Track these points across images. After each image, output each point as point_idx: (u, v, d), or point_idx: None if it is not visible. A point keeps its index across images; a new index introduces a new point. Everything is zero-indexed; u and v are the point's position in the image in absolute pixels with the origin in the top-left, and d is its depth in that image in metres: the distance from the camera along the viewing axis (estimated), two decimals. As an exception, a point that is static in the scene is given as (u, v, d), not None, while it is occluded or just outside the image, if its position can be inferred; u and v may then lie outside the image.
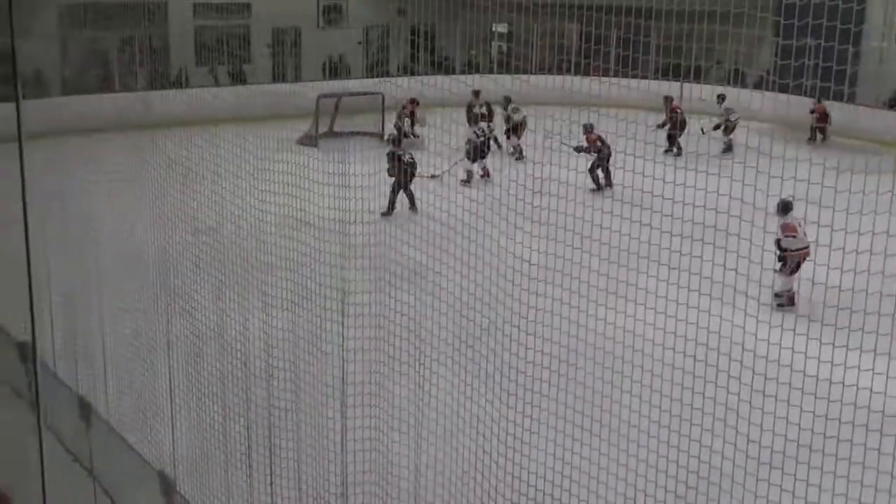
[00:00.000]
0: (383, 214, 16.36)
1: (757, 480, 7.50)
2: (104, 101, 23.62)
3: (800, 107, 22.49)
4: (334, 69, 29.70)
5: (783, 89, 17.50)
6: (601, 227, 9.07)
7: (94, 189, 12.26)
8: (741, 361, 7.65)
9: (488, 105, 23.76)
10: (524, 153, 21.26)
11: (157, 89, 24.47)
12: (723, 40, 10.80)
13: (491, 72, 29.08)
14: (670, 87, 22.63)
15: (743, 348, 7.78)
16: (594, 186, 19.46)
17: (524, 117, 22.31)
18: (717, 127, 23.02)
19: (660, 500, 7.41)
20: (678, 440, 7.66)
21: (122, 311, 10.91)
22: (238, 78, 28.75)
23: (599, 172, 19.80)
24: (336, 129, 24.47)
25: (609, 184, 19.38)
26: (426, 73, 26.44)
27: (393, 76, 27.76)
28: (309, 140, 22.66)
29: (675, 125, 21.95)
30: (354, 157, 9.29)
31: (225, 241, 10.18)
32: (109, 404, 9.82)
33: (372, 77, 27.36)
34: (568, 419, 8.12)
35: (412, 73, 27.11)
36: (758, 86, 21.92)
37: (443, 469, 7.89)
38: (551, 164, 9.37)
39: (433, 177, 16.08)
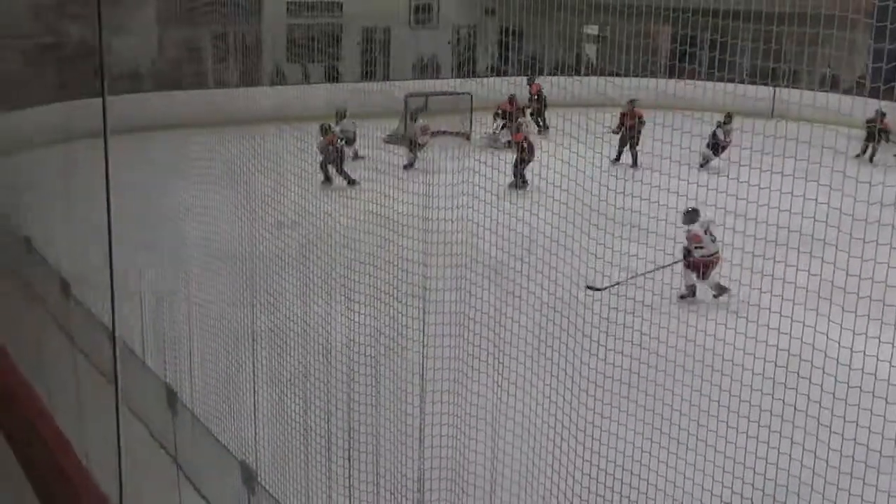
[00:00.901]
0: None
1: (837, 490, 7.40)
2: (197, 96, 24.04)
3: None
4: (423, 68, 29.85)
5: (874, 94, 17.16)
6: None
7: (183, 183, 12.50)
8: (823, 369, 7.55)
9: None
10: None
11: (249, 86, 24.84)
12: (813, 42, 10.67)
13: (580, 74, 28.94)
14: (756, 91, 22.22)
15: (825, 355, 7.69)
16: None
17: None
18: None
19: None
20: (755, 446, 7.58)
21: (208, 304, 11.11)
22: (329, 76, 29.04)
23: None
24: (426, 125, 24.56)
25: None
26: (515, 74, 26.43)
27: (481, 76, 27.79)
28: (397, 139, 22.80)
29: (631, 131, 21.17)
30: (440, 156, 9.39)
31: (310, 235, 10.35)
32: (195, 394, 10.04)
33: (460, 77, 27.41)
34: (646, 421, 8.09)
35: (501, 74, 27.12)
36: (849, 91, 21.47)
37: (518, 466, 7.92)
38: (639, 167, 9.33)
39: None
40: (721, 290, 12.89)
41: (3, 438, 3.98)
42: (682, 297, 13.19)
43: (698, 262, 13.20)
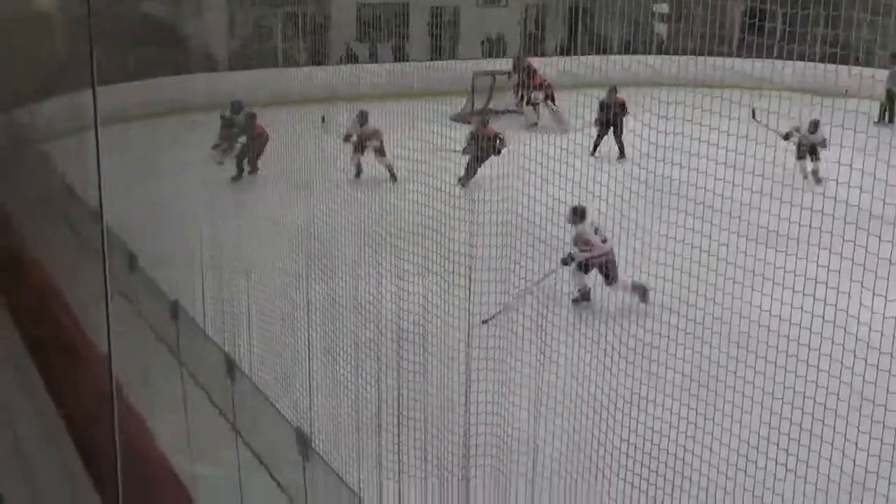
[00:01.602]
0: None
1: (879, 461, 7.39)
2: (266, 75, 24.39)
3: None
4: (491, 47, 29.90)
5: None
6: (749, 207, 9.04)
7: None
8: (867, 342, 7.54)
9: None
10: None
11: (319, 65, 25.13)
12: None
13: (650, 53, 28.75)
14: (827, 69, 21.73)
15: (870, 329, 7.68)
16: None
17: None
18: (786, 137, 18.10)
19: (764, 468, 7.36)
20: (791, 413, 7.58)
21: (266, 274, 11.38)
22: (398, 55, 29.24)
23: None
24: (491, 106, 24.66)
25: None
26: (584, 53, 26.36)
27: (550, 55, 27.77)
28: (463, 117, 22.92)
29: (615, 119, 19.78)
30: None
31: (364, 209, 10.56)
32: (252, 362, 10.31)
33: (529, 56, 27.41)
34: (684, 388, 8.11)
35: (569, 53, 27.06)
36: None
37: (560, 434, 8.04)
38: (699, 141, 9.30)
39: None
40: (642, 291, 11.45)
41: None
42: (574, 301, 12.01)
43: (591, 263, 11.98)
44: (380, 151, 17.56)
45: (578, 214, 11.84)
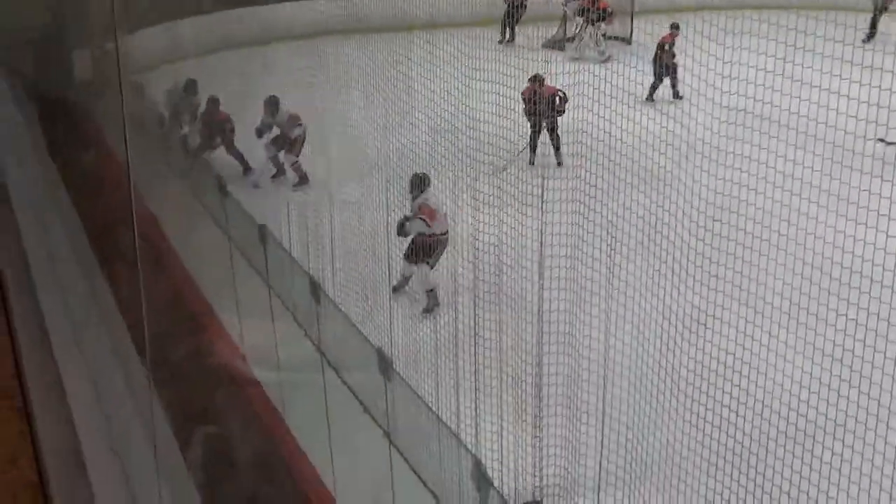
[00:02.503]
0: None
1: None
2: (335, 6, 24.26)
3: None
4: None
5: None
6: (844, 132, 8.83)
7: (328, 89, 12.95)
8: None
9: None
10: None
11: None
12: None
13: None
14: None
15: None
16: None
17: None
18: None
19: (834, 389, 7.31)
20: (863, 334, 7.46)
21: (347, 203, 11.60)
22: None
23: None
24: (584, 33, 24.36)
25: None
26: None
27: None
28: (555, 43, 22.69)
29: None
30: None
31: (458, 142, 10.62)
32: (336, 285, 10.59)
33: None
34: (756, 308, 8.09)
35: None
36: None
37: (629, 352, 8.13)
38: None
39: None
40: (433, 301, 10.38)
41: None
42: (394, 289, 10.83)
43: (424, 241, 10.63)
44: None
45: (418, 184, 10.69)
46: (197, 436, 3.75)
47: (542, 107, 13.30)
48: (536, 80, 13.26)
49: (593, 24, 22.35)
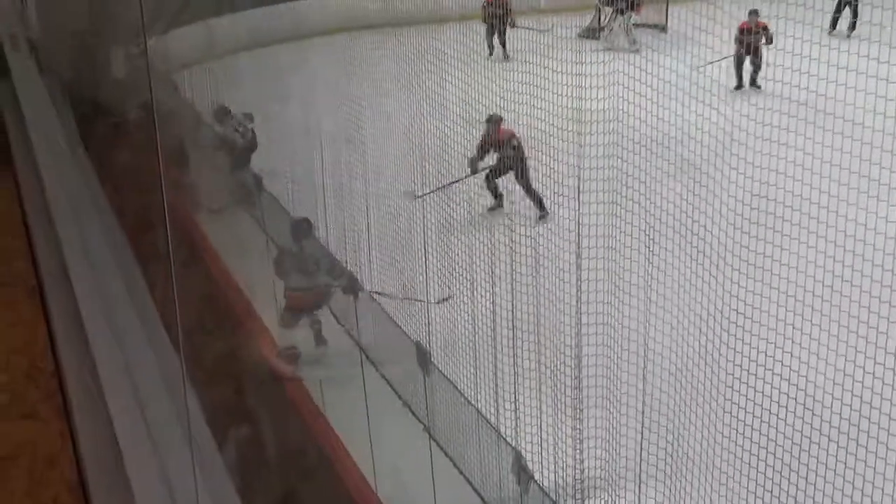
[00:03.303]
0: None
1: None
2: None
3: None
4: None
5: None
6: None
7: (365, 84, 12.94)
8: None
9: None
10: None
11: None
12: None
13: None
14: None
15: None
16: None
17: None
18: None
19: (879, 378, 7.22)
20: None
21: (383, 196, 11.61)
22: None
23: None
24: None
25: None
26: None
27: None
28: (591, 33, 22.58)
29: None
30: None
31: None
32: (373, 278, 10.61)
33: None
34: (798, 298, 7.98)
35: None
36: None
37: (669, 343, 8.06)
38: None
39: None
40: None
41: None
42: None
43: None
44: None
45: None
46: (234, 434, 3.74)
47: (507, 151, 12.25)
48: (491, 120, 12.15)
49: (622, 14, 22.32)
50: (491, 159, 12.46)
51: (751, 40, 16.23)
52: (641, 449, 7.79)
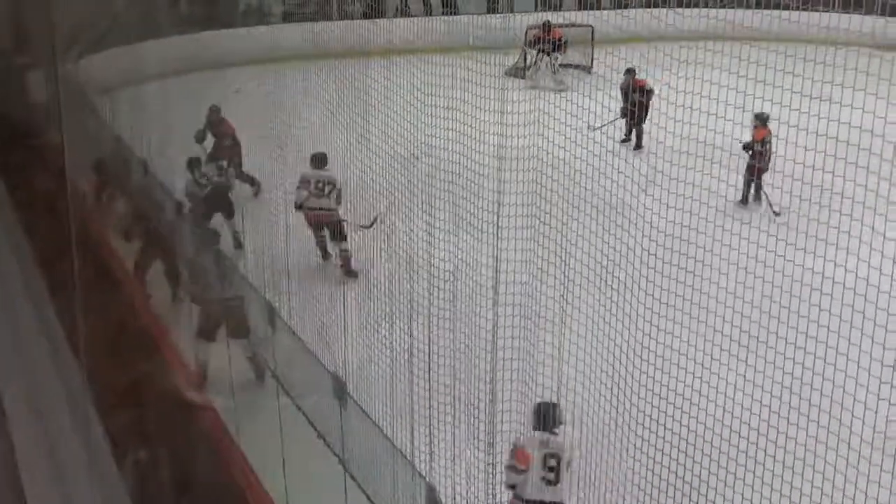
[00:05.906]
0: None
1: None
2: (321, 28, 24.31)
3: None
4: (546, 1, 29.58)
5: None
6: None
7: (308, 114, 12.97)
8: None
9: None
10: None
11: (373, 18, 25.02)
12: None
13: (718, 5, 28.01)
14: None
15: None
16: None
17: None
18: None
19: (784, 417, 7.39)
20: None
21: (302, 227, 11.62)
22: (450, 7, 29.10)
23: None
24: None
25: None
26: (637, 6, 26.00)
27: (604, 9, 27.45)
28: (516, 71, 22.83)
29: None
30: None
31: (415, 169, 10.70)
32: (292, 311, 10.57)
33: (582, 10, 27.15)
34: (706, 337, 8.15)
35: (624, 6, 26.71)
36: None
37: (584, 368, 8.18)
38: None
39: None
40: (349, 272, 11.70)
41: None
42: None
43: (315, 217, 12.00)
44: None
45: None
46: (141, 463, 3.72)
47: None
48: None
49: (548, 55, 22.78)
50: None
51: (635, 98, 16.01)
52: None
